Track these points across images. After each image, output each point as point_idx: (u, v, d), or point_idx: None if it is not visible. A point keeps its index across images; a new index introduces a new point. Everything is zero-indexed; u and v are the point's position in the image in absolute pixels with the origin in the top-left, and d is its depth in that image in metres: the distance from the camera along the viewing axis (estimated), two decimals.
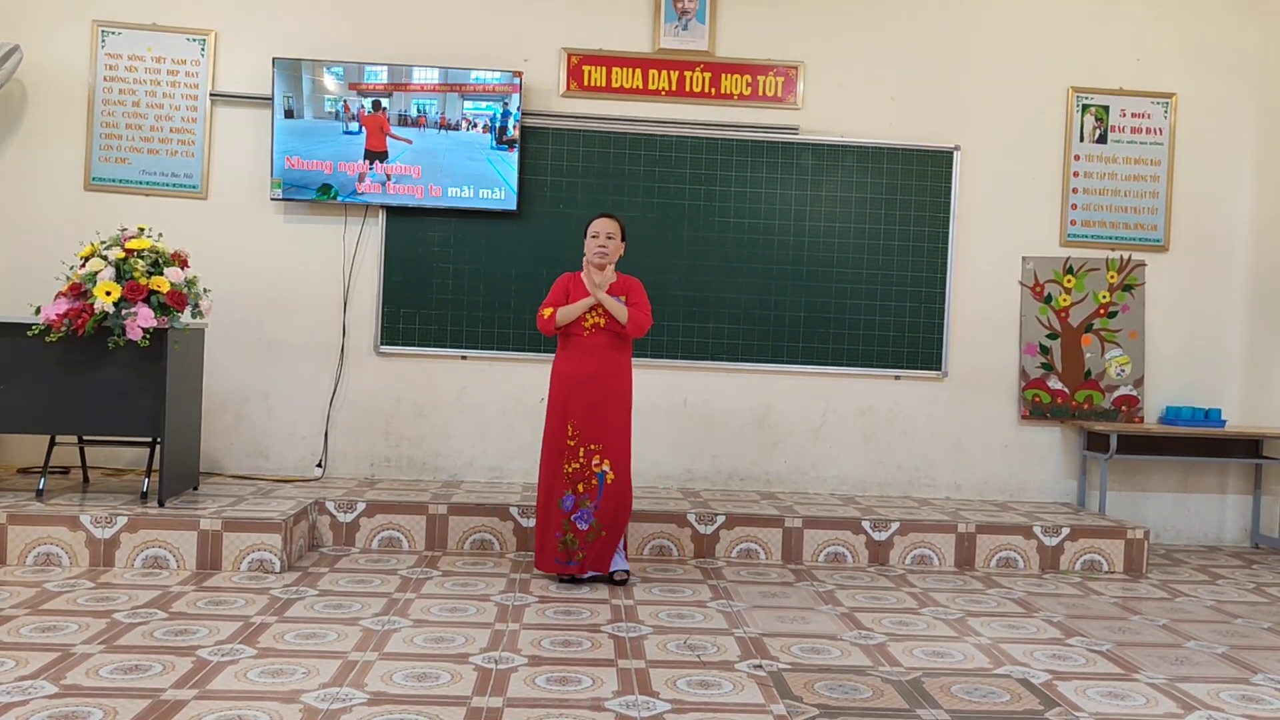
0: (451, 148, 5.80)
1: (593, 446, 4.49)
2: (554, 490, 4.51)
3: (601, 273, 4.56)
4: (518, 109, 5.77)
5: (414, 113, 5.78)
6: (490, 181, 5.80)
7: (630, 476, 4.59)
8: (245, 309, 5.85)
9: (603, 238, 4.55)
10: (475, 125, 5.79)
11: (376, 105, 5.74)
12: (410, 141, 5.78)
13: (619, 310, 4.50)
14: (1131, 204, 6.22)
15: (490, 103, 5.78)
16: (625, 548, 4.68)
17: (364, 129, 5.76)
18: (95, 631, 3.57)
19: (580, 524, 4.49)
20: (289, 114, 5.73)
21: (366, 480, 5.87)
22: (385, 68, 5.75)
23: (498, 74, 5.77)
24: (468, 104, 5.78)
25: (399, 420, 5.97)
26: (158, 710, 2.88)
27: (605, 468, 4.49)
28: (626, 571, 4.62)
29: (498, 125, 5.78)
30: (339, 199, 5.79)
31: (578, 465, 4.49)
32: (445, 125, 5.79)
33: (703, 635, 3.85)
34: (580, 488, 4.49)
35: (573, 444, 4.49)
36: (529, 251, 5.93)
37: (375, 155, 5.77)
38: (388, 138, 5.77)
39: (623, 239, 4.63)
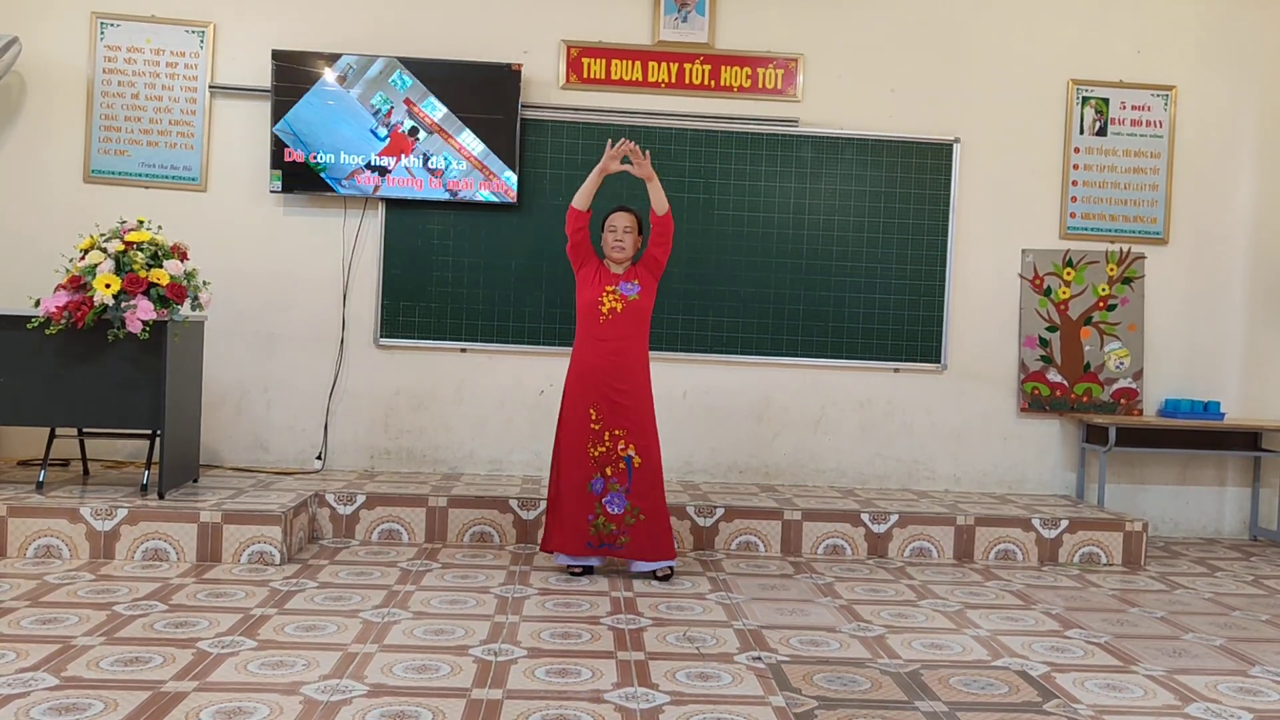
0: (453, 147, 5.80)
1: (617, 431, 4.49)
2: (581, 473, 4.48)
3: (619, 266, 4.58)
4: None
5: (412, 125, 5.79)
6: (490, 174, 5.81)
7: (660, 462, 4.58)
8: (245, 301, 5.85)
9: (619, 232, 4.54)
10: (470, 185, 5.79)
11: (414, 132, 5.75)
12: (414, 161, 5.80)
13: (660, 198, 4.54)
14: (1131, 197, 6.22)
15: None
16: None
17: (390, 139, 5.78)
18: (95, 623, 3.58)
19: (612, 508, 4.48)
20: (288, 106, 5.71)
21: (366, 473, 5.87)
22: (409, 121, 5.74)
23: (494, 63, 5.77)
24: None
25: (398, 412, 5.97)
26: (158, 702, 2.89)
27: (631, 452, 4.49)
28: (670, 567, 4.59)
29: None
30: (338, 191, 5.78)
31: (604, 449, 4.49)
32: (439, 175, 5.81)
33: (702, 627, 3.86)
34: (608, 471, 4.49)
35: (597, 428, 4.49)
36: (528, 244, 5.92)
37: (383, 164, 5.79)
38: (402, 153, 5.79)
39: (640, 230, 4.61)
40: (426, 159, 5.79)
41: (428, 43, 5.88)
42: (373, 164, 5.76)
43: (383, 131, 5.75)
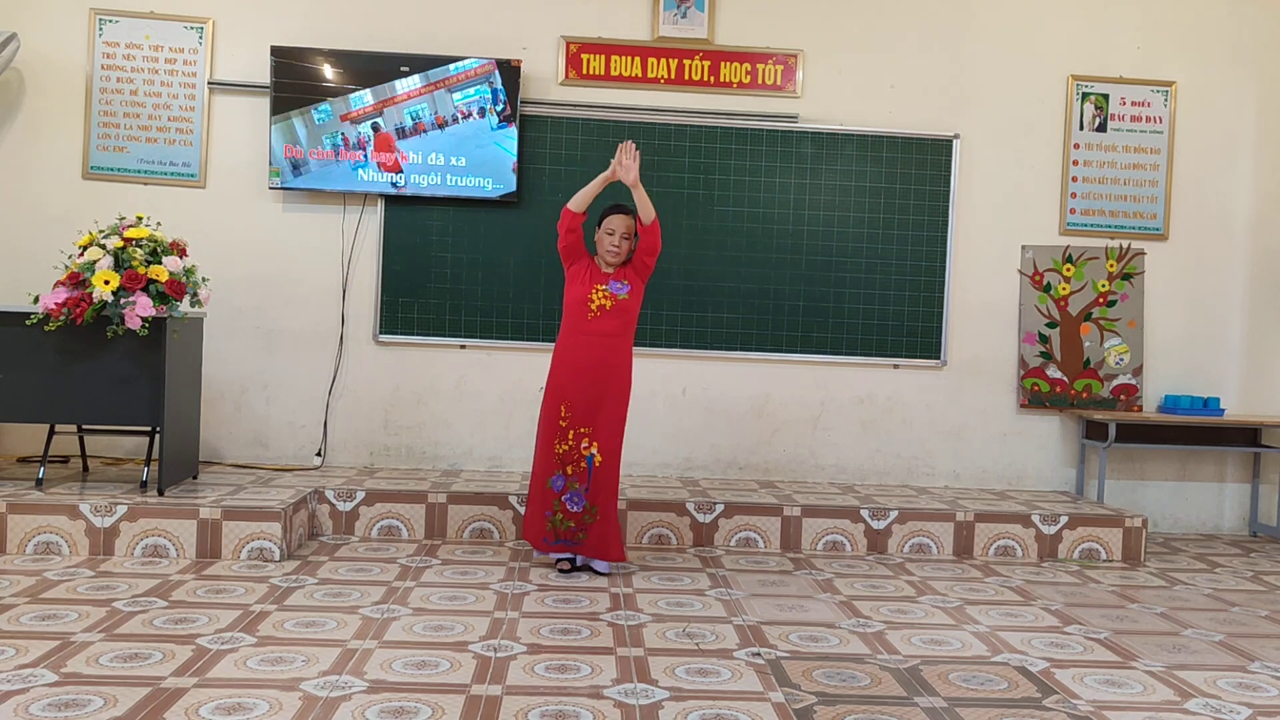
0: (457, 143, 5.77)
1: (583, 430, 4.49)
2: (545, 469, 4.52)
3: (611, 266, 4.57)
4: (502, 86, 5.74)
5: (409, 123, 5.76)
6: (495, 167, 5.78)
7: (619, 464, 4.56)
8: (244, 298, 5.84)
9: (617, 237, 4.50)
10: (470, 114, 5.77)
11: (376, 128, 5.71)
12: (415, 156, 5.79)
13: (646, 205, 4.45)
14: (1131, 192, 6.21)
15: (477, 87, 5.75)
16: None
17: (377, 153, 5.75)
18: (95, 620, 3.58)
19: (571, 505, 4.49)
20: (287, 103, 5.70)
21: (366, 469, 5.87)
22: (368, 91, 5.69)
23: (474, 60, 5.74)
24: (456, 96, 5.76)
25: (398, 409, 5.97)
26: (157, 698, 2.89)
27: (594, 451, 4.49)
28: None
29: (490, 107, 5.76)
30: (338, 187, 5.77)
31: (567, 447, 4.49)
32: (442, 124, 5.77)
33: (701, 623, 3.86)
34: (569, 470, 4.49)
35: (564, 425, 4.49)
36: (528, 240, 5.92)
37: (393, 172, 5.77)
38: (397, 156, 5.75)
39: (637, 234, 4.59)
40: (426, 155, 5.78)
41: (428, 38, 5.87)
42: (372, 160, 5.75)
43: (395, 159, 5.74)
